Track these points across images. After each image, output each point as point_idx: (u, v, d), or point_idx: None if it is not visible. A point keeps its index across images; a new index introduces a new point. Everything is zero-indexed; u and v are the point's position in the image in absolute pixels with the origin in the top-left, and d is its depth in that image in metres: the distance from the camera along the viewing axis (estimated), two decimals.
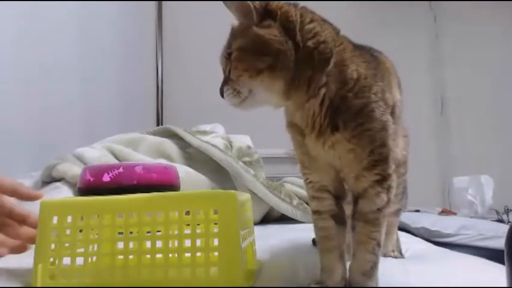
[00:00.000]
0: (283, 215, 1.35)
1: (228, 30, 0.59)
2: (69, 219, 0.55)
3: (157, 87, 2.50)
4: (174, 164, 0.73)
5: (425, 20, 2.66)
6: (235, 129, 1.77)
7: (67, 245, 0.55)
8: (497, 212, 1.93)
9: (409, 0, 2.59)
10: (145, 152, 1.40)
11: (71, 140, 1.51)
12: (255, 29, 0.55)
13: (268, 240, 0.89)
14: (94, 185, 0.58)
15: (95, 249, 0.55)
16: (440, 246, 0.96)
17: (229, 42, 0.58)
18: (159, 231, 0.54)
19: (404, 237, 0.96)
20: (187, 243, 0.53)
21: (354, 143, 0.54)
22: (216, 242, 0.52)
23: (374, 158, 0.55)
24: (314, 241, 0.81)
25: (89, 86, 1.88)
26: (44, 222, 0.55)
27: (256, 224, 1.26)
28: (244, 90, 0.56)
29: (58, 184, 1.19)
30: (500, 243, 0.45)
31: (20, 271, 0.59)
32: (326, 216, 0.60)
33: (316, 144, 0.56)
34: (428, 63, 2.64)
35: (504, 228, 1.50)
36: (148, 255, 0.53)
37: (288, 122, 0.60)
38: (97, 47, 1.98)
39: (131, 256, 0.54)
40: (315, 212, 0.60)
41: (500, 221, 1.85)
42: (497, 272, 0.62)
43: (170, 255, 0.53)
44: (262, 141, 1.83)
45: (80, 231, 0.55)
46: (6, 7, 1.38)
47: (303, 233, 0.92)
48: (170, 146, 1.45)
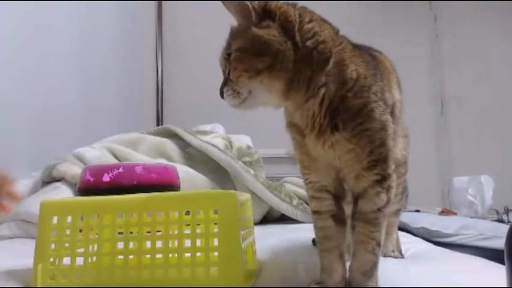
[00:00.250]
0: (283, 215, 1.35)
1: (227, 30, 0.59)
2: (69, 219, 0.55)
3: (157, 87, 2.50)
4: (174, 164, 0.73)
5: (425, 20, 2.66)
6: (235, 129, 1.77)
7: (66, 245, 0.55)
8: (497, 212, 1.93)
9: (409, 0, 2.59)
10: (145, 152, 1.40)
11: (71, 140, 1.51)
12: (254, 30, 0.54)
13: (268, 240, 0.89)
14: (94, 185, 0.58)
15: (95, 249, 0.56)
16: (440, 246, 0.96)
17: (228, 43, 0.58)
18: (159, 231, 0.54)
19: (404, 237, 0.96)
20: (187, 243, 0.53)
21: (353, 142, 0.54)
22: (216, 242, 0.52)
23: (373, 158, 0.55)
24: (314, 241, 0.81)
25: (89, 86, 1.88)
26: (44, 222, 0.55)
27: (256, 224, 1.26)
28: (243, 91, 0.55)
29: (58, 184, 1.19)
30: (500, 243, 0.45)
31: (20, 271, 0.59)
32: (326, 217, 0.60)
33: (316, 144, 0.56)
34: (428, 63, 2.64)
35: (504, 228, 1.50)
36: (148, 255, 0.53)
37: (288, 122, 0.60)
38: (97, 47, 1.98)
39: (131, 256, 0.54)
40: (315, 212, 0.60)
41: (500, 221, 1.84)
42: (497, 272, 0.62)
43: (170, 255, 0.53)
44: (262, 141, 1.83)
45: (80, 231, 0.55)
46: (6, 7, 1.38)
47: (303, 233, 0.92)
48: (170, 146, 1.45)
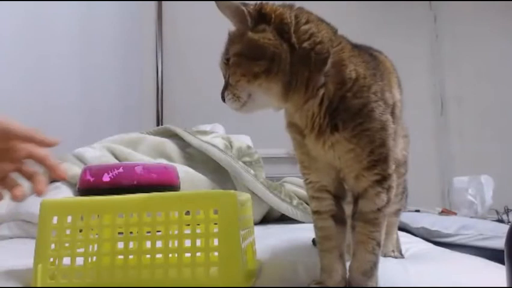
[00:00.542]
0: (283, 215, 1.35)
1: (227, 30, 0.59)
2: (69, 219, 0.55)
3: (157, 87, 2.50)
4: (174, 164, 0.73)
5: (425, 20, 2.66)
6: (235, 129, 1.77)
7: (67, 245, 0.55)
8: (497, 212, 1.92)
9: (409, 0, 2.59)
10: (145, 152, 1.40)
11: (71, 140, 1.51)
12: (250, 34, 0.55)
13: (268, 240, 0.89)
14: (94, 185, 0.58)
15: (95, 249, 0.55)
16: (440, 246, 0.96)
17: (226, 48, 0.58)
18: (159, 231, 0.54)
19: (404, 237, 0.96)
20: (187, 243, 0.53)
21: (354, 143, 0.54)
22: (216, 242, 0.52)
23: (373, 158, 0.55)
24: (314, 241, 0.81)
25: (89, 86, 1.88)
26: (44, 222, 0.55)
27: (256, 224, 1.26)
28: (243, 95, 0.56)
29: (58, 184, 1.19)
30: (500, 243, 0.45)
31: (20, 271, 0.59)
32: (326, 217, 0.60)
33: (316, 145, 0.56)
34: (428, 63, 2.64)
35: (504, 228, 1.50)
36: (148, 255, 0.53)
37: (288, 122, 0.60)
38: (97, 47, 1.98)
39: (131, 256, 0.54)
40: (315, 212, 0.60)
41: (500, 221, 1.84)
42: (497, 272, 0.62)
43: (170, 255, 0.53)
44: (262, 141, 1.83)
45: (80, 231, 0.55)
46: (6, 7, 1.38)
47: (303, 233, 0.92)
48: (170, 146, 1.45)
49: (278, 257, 0.76)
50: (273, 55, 0.53)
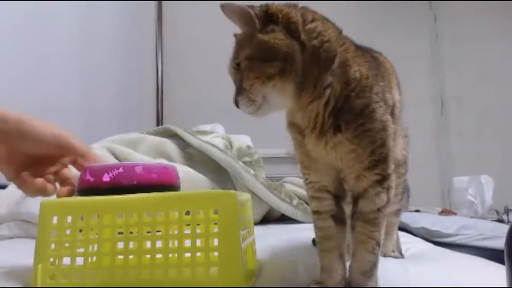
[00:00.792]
0: (283, 215, 1.35)
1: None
2: (69, 219, 0.55)
3: (157, 87, 2.50)
4: (174, 164, 0.73)
5: (425, 20, 2.66)
6: (235, 129, 1.77)
7: (66, 245, 0.55)
8: (497, 212, 1.93)
9: (409, 0, 2.59)
10: (145, 152, 1.39)
11: None
12: (260, 36, 0.54)
13: (268, 240, 0.89)
14: (93, 185, 0.58)
15: (95, 249, 0.55)
16: (440, 246, 0.96)
17: (235, 52, 0.58)
18: (159, 231, 0.54)
19: (404, 237, 0.96)
20: (187, 243, 0.53)
21: (355, 143, 0.54)
22: (216, 242, 0.52)
23: (374, 158, 0.55)
24: (314, 241, 0.81)
25: (89, 86, 1.88)
26: (44, 222, 0.55)
27: (256, 224, 1.26)
28: (258, 98, 0.55)
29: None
30: (500, 243, 0.45)
31: (20, 271, 0.59)
32: (326, 217, 0.60)
33: (317, 145, 0.56)
34: (428, 63, 2.64)
35: (504, 228, 1.50)
36: (148, 255, 0.53)
37: (289, 122, 0.60)
38: (97, 47, 1.98)
39: (131, 256, 0.54)
40: (315, 212, 0.60)
41: (500, 221, 1.84)
42: (497, 272, 0.62)
43: (170, 255, 0.53)
44: (262, 141, 1.83)
45: (80, 231, 0.55)
46: (6, 7, 1.38)
47: (303, 233, 0.92)
48: (170, 146, 1.45)
49: (278, 257, 0.76)
50: (286, 55, 0.53)
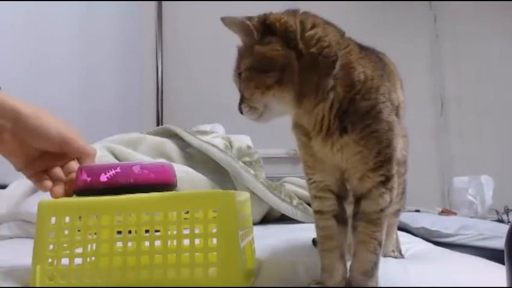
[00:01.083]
0: (283, 215, 1.34)
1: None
2: (67, 219, 0.55)
3: (157, 87, 2.50)
4: (174, 164, 0.73)
5: (425, 20, 2.66)
6: (235, 129, 1.77)
7: (65, 245, 0.55)
8: (497, 212, 1.92)
9: (409, 0, 2.59)
10: (145, 152, 1.39)
11: None
12: (258, 48, 0.55)
13: (268, 240, 0.89)
14: (91, 185, 0.58)
15: (94, 249, 0.55)
16: (440, 246, 0.96)
17: (237, 63, 0.59)
18: (158, 231, 0.54)
19: (404, 237, 0.96)
20: (186, 243, 0.53)
21: (362, 144, 0.54)
22: (214, 242, 0.52)
23: (380, 159, 0.55)
24: (314, 241, 0.81)
25: (89, 86, 1.88)
26: (42, 223, 0.55)
27: (256, 224, 1.26)
28: (259, 106, 0.57)
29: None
30: (500, 243, 0.45)
31: (19, 271, 0.59)
32: (328, 216, 0.59)
33: (323, 147, 0.56)
34: (428, 63, 2.64)
35: (504, 228, 1.50)
36: (146, 256, 0.53)
37: (294, 123, 0.60)
38: (97, 47, 1.98)
39: (130, 256, 0.54)
40: (317, 212, 0.60)
41: (500, 221, 1.84)
42: (497, 272, 0.62)
43: (169, 255, 0.53)
44: (262, 141, 1.82)
45: (79, 231, 0.55)
46: (6, 7, 1.38)
47: (303, 233, 0.92)
48: (170, 146, 1.45)
49: (278, 256, 0.76)
50: (283, 65, 0.54)
